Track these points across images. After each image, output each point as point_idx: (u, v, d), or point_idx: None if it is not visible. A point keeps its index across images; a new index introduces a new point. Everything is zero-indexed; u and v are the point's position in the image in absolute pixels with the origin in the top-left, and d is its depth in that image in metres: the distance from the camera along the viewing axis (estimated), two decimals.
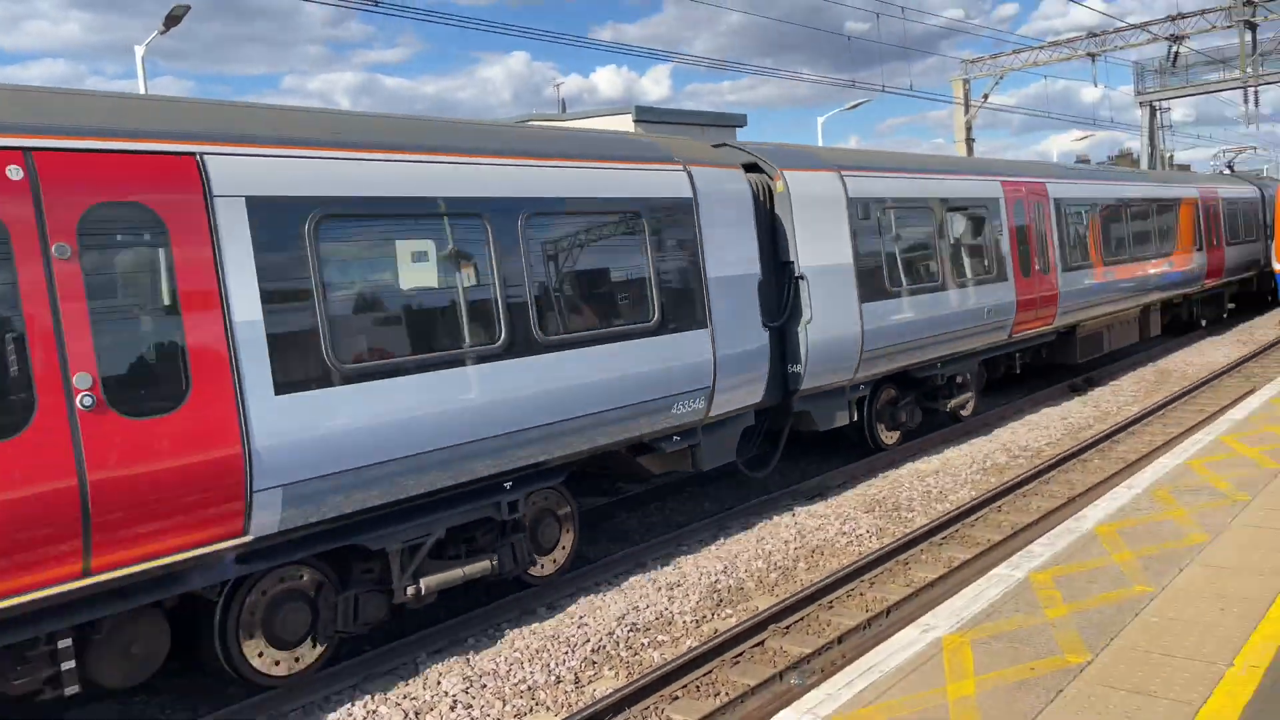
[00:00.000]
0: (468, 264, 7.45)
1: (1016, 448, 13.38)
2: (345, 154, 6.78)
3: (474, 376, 7.29)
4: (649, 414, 8.79)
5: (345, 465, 6.47)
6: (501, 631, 7.72)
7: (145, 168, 5.72)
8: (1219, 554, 5.74)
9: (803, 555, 9.43)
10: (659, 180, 9.23)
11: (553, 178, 8.19)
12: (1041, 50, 32.32)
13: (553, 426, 7.86)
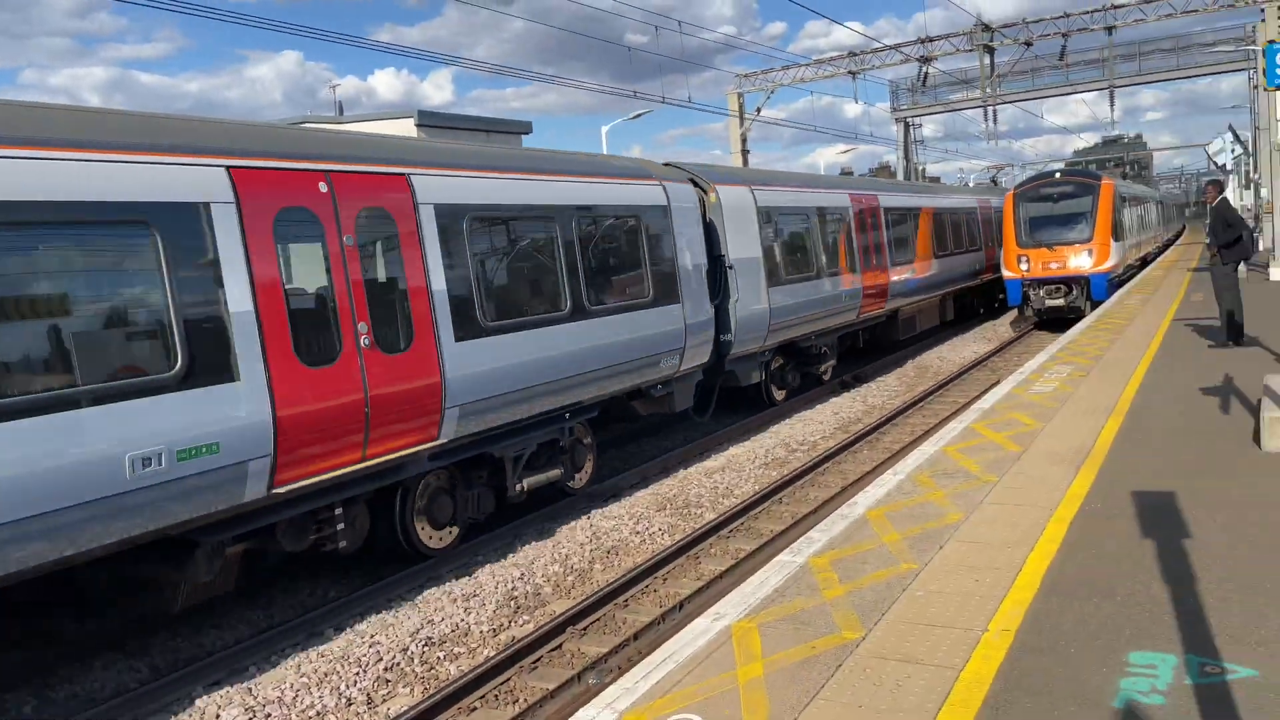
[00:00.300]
0: (548, 251, 10.37)
1: (795, 442, 14.10)
2: (485, 174, 9.70)
3: (556, 334, 10.11)
4: (647, 366, 11.79)
5: (489, 393, 9.12)
6: (286, 656, 7.35)
7: (386, 183, 8.41)
8: (973, 530, 6.28)
9: (599, 556, 9.53)
10: (647, 192, 12.25)
11: (590, 190, 11.22)
12: (808, 67, 34.30)
13: (596, 373, 10.72)
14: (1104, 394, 10.32)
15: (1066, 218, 23.68)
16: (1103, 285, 23.11)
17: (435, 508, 9.19)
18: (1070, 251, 23.28)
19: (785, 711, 4.09)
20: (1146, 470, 7.35)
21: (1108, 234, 23.35)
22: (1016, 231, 23.96)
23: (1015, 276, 23.87)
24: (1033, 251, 23.54)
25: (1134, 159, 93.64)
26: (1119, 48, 33.51)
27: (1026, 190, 24.68)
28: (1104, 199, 23.61)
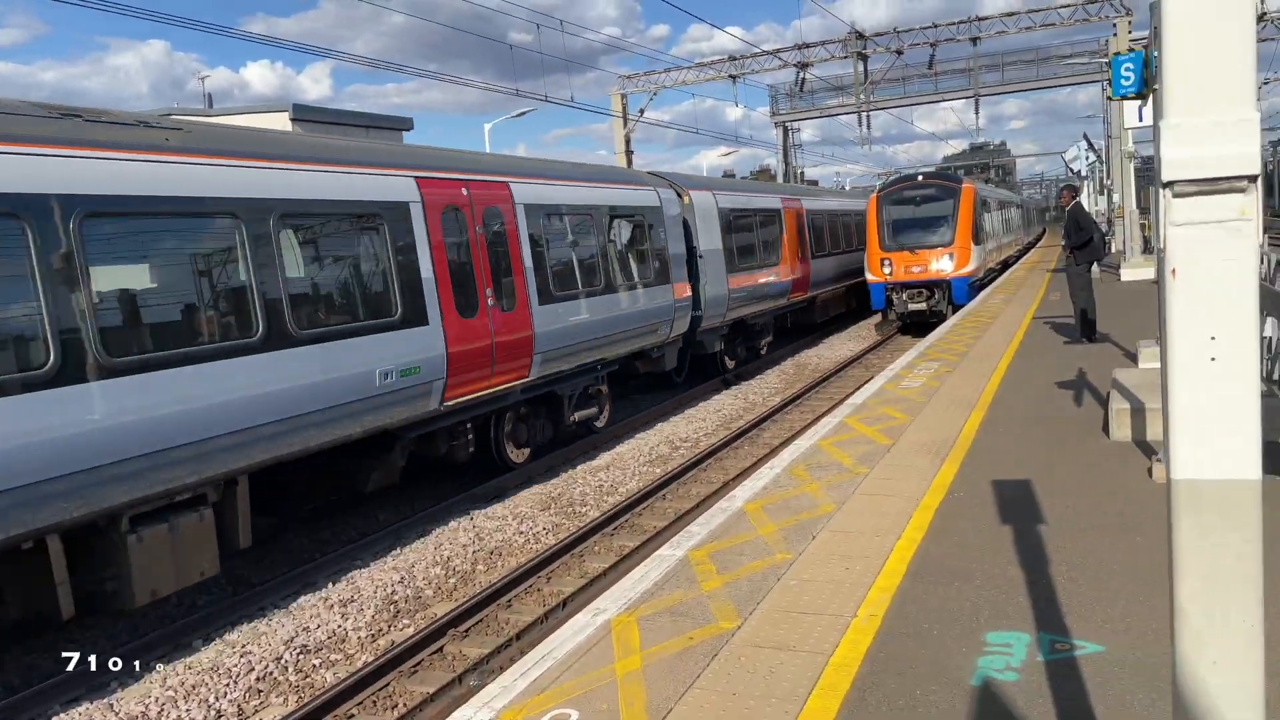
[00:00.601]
0: (589, 240, 13.67)
1: (678, 439, 14.27)
2: (550, 181, 12.99)
3: (595, 303, 13.30)
4: (649, 333, 15.04)
5: (557, 345, 12.16)
6: (151, 669, 7.06)
7: (497, 189, 11.49)
8: (844, 521, 6.49)
9: (481, 558, 9.45)
10: (647, 195, 15.77)
11: (614, 194, 14.74)
12: (689, 70, 34.73)
13: (619, 334, 13.98)
14: (968, 388, 10.80)
15: (928, 221, 23.51)
16: (963, 289, 22.99)
17: (517, 431, 12.31)
18: (932, 255, 23.09)
19: (662, 702, 4.15)
20: (1006, 460, 7.73)
21: (968, 237, 23.24)
22: (880, 234, 23.66)
23: (878, 280, 23.52)
24: (895, 255, 23.26)
25: (999, 165, 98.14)
26: (984, 58, 35.09)
27: (889, 193, 24.44)
28: (964, 202, 23.49)
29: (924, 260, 23.06)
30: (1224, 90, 1.80)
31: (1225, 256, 1.84)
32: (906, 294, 23.21)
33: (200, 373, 7.41)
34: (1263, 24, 33.25)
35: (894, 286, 23.30)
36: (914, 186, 24.33)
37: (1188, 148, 1.82)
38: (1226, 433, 1.93)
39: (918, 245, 23.25)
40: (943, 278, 22.97)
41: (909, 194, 24.03)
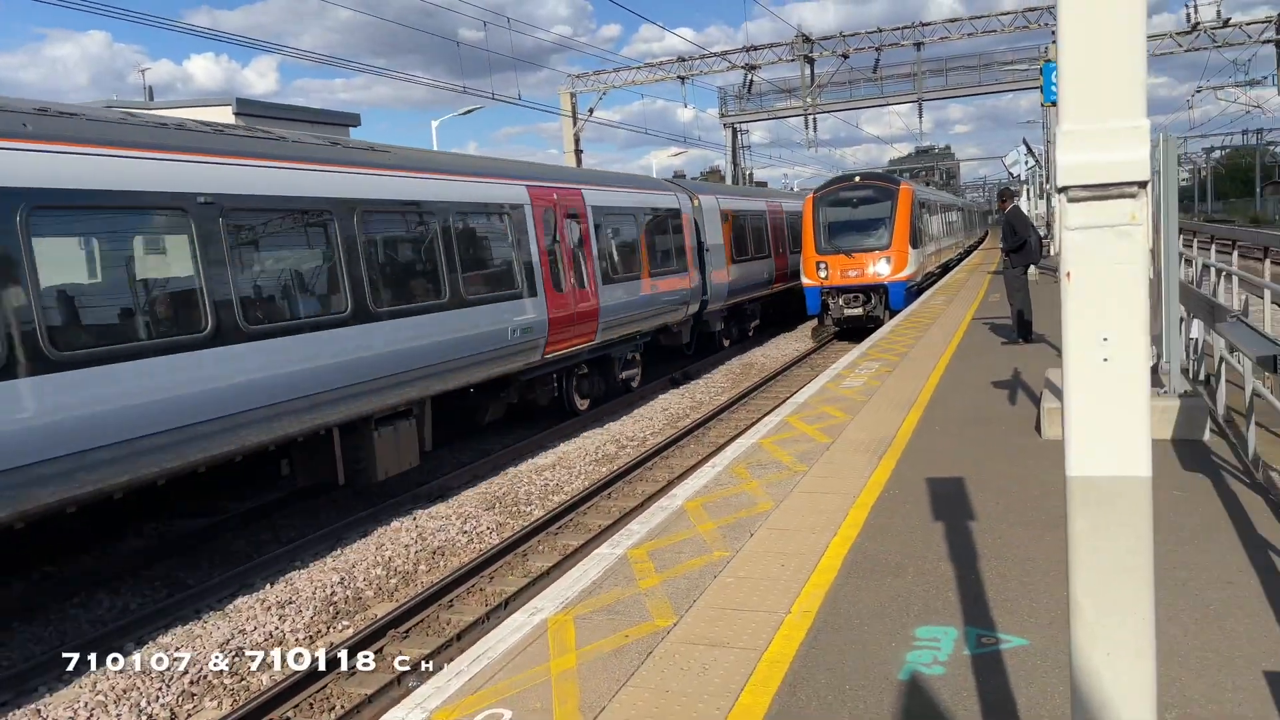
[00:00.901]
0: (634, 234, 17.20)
1: (625, 438, 14.30)
2: (610, 189, 16.84)
3: (638, 284, 16.73)
4: (673, 310, 18.68)
5: (612, 317, 15.51)
6: (80, 674, 6.90)
7: (575, 194, 15.09)
8: (782, 518, 6.56)
9: (424, 557, 9.39)
10: (671, 199, 19.54)
11: (651, 198, 18.65)
12: (639, 70, 34.80)
13: (654, 310, 17.53)
14: (907, 388, 10.97)
15: (865, 223, 22.86)
16: (900, 294, 22.36)
17: (580, 385, 15.62)
18: (869, 258, 22.41)
19: (596, 699, 4.17)
20: (941, 458, 7.88)
21: (906, 240, 22.61)
22: (816, 237, 22.94)
23: (814, 284, 22.78)
24: (831, 258, 22.54)
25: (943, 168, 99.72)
26: (928, 64, 35.65)
27: (826, 194, 23.74)
28: (902, 204, 22.86)
29: (861, 264, 22.41)
30: (1116, 98, 1.87)
31: (1116, 259, 1.91)
32: (843, 299, 22.52)
33: (417, 322, 10.76)
34: (1195, 34, 34.21)
35: (830, 291, 22.65)
36: (851, 187, 23.67)
37: (1081, 154, 1.89)
38: (1118, 431, 2.00)
39: (854, 248, 22.60)
40: (880, 282, 22.27)
41: (846, 195, 23.39)
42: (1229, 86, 44.36)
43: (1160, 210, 7.97)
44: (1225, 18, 34.18)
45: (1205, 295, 9.58)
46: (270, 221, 9.28)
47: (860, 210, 23.00)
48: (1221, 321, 7.62)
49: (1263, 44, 34.80)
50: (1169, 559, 5.29)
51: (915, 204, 24.05)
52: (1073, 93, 1.90)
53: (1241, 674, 4.05)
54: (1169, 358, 8.08)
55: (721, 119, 41.35)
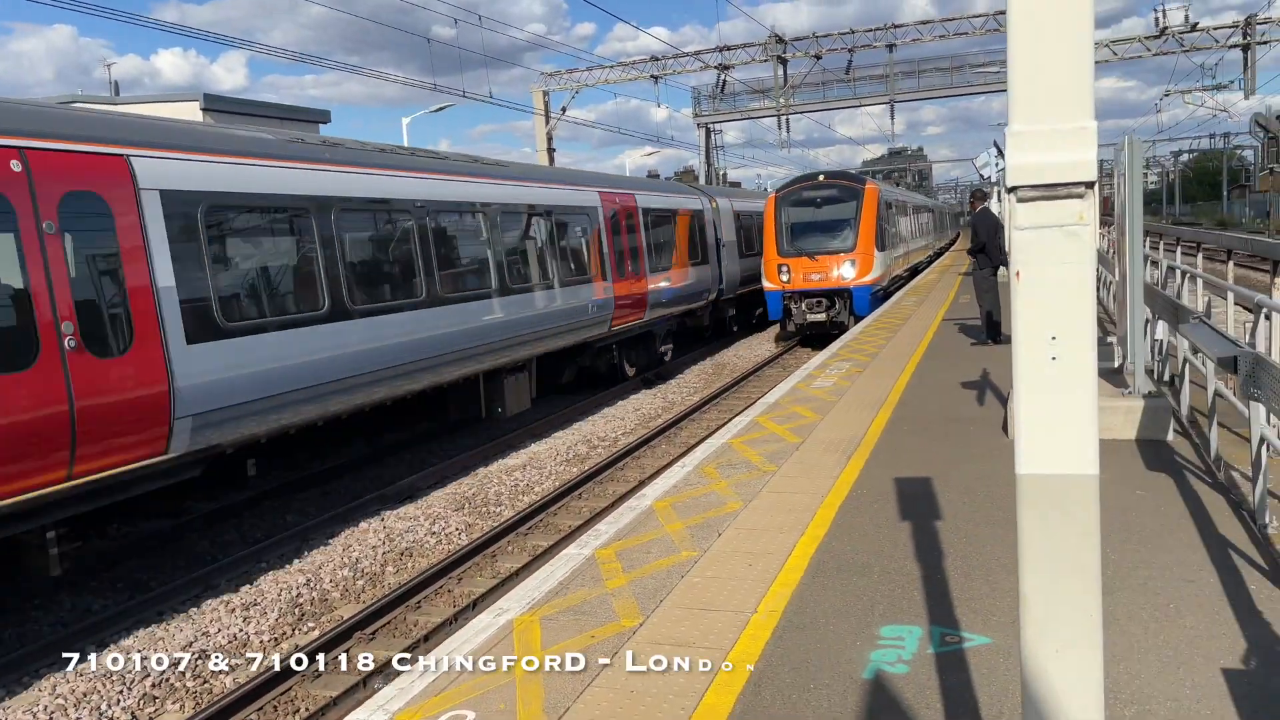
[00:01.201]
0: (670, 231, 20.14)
1: (596, 438, 14.28)
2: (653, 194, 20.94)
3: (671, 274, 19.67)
4: (697, 297, 21.37)
5: (656, 301, 18.67)
6: (39, 678, 6.81)
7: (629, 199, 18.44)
8: (750, 518, 6.57)
9: (391, 559, 9.33)
10: (695, 201, 22.27)
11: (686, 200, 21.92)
12: (612, 69, 34.79)
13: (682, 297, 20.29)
14: (877, 388, 11.02)
15: (829, 224, 21.97)
16: (865, 299, 21.35)
17: (631, 354, 18.39)
18: (832, 261, 21.46)
19: (560, 700, 4.15)
20: (909, 458, 7.92)
21: (871, 243, 21.66)
22: (777, 238, 21.95)
23: (776, 288, 21.84)
24: (794, 260, 21.60)
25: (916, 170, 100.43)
26: (900, 65, 35.89)
27: (788, 193, 22.75)
28: (868, 204, 21.86)
29: (824, 267, 21.46)
30: (1064, 100, 1.88)
31: (1064, 259, 1.92)
32: (805, 303, 21.56)
33: (532, 298, 14.20)
34: (1164, 38, 34.64)
35: (792, 295, 21.72)
36: (814, 186, 22.66)
37: (1030, 154, 1.90)
38: (1066, 429, 2.01)
39: (817, 250, 21.67)
40: (844, 286, 21.35)
41: (809, 194, 22.44)
42: (1197, 90, 44.98)
43: (1126, 212, 8.05)
44: (1193, 22, 34.69)
45: (1169, 297, 9.70)
46: (458, 219, 12.86)
47: (824, 210, 22.14)
48: (1185, 323, 7.72)
49: (1230, 49, 35.31)
50: (1131, 558, 5.35)
51: (881, 204, 23.15)
52: (1021, 94, 1.91)
53: (1200, 671, 4.09)
54: (1133, 359, 8.17)
55: (695, 119, 41.42)
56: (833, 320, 21.30)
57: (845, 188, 22.46)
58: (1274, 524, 5.68)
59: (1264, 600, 4.74)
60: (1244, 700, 3.84)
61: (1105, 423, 7.77)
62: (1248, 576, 5.04)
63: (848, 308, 21.34)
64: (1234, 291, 8.95)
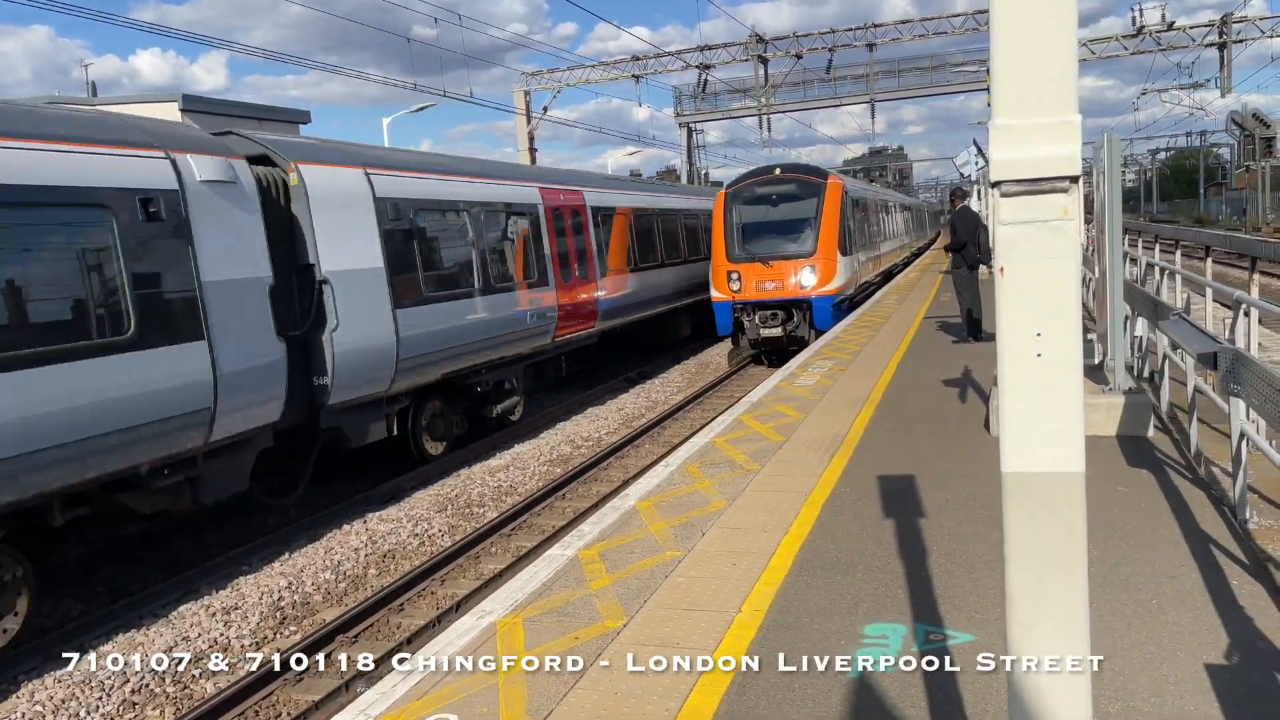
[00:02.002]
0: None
1: (580, 438, 14.24)
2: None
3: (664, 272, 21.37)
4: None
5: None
6: (17, 683, 6.73)
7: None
8: (734, 517, 6.55)
9: (374, 561, 9.27)
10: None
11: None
12: (594, 69, 34.76)
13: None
14: (860, 386, 11.04)
15: (786, 225, 19.40)
16: (827, 311, 18.87)
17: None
18: (789, 268, 18.86)
19: (544, 703, 4.12)
20: (892, 456, 7.92)
21: (834, 246, 19.12)
22: (727, 241, 19.36)
23: (725, 298, 19.16)
24: (746, 267, 18.98)
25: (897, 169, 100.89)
26: (881, 65, 36.00)
27: (740, 189, 20.09)
28: (830, 202, 19.30)
29: (780, 274, 18.84)
30: (1048, 94, 1.87)
31: (1049, 254, 1.91)
32: (759, 316, 18.94)
33: (654, 274, 19.68)
34: (1141, 37, 34.90)
35: (744, 307, 19.09)
36: (769, 181, 20.02)
37: (1014, 149, 1.89)
38: (1051, 427, 2.00)
39: (772, 255, 19.03)
40: (802, 296, 18.76)
41: (762, 191, 19.80)
42: (1174, 89, 45.35)
43: (1105, 210, 8.09)
44: (1170, 21, 34.98)
45: (1149, 294, 9.76)
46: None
47: (780, 209, 19.54)
48: (1164, 319, 7.76)
49: (1206, 47, 35.63)
50: (1113, 554, 5.36)
51: (847, 202, 20.55)
52: (1005, 88, 1.90)
53: (1183, 666, 4.11)
54: (1114, 355, 8.21)
55: (677, 118, 41.42)
56: (790, 335, 18.90)
57: (804, 183, 19.86)
58: (1254, 519, 5.71)
59: (1245, 595, 4.76)
60: (1226, 695, 3.85)
61: (1086, 419, 7.78)
62: (1229, 571, 5.07)
63: (807, 320, 18.90)
64: (1213, 288, 9.00)
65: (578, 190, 17.04)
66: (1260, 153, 50.56)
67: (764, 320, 18.87)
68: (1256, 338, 7.55)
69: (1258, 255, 8.96)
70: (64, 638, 7.43)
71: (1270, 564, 5.11)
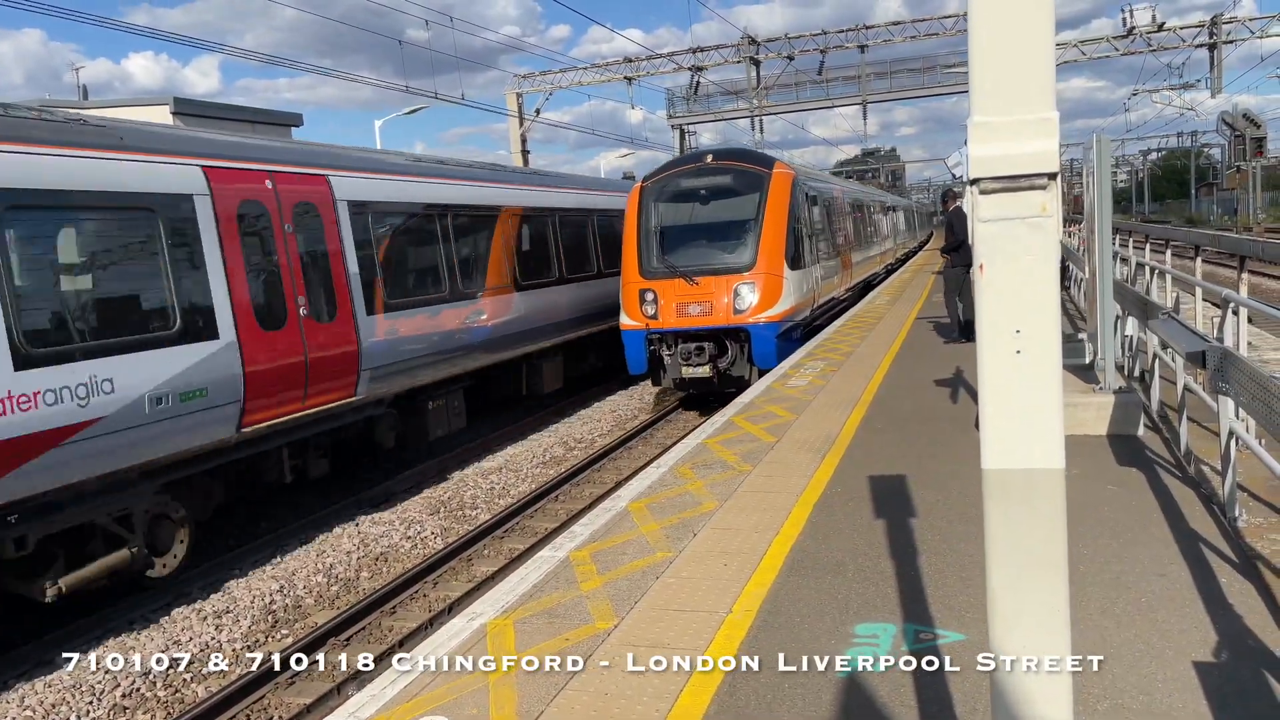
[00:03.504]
0: None
1: (573, 440, 14.24)
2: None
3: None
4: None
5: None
6: (8, 688, 6.71)
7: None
8: (726, 518, 6.55)
9: (366, 564, 9.25)
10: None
11: None
12: (586, 71, 34.79)
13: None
14: (852, 387, 11.05)
15: (716, 229, 14.81)
16: (770, 343, 14.18)
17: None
18: (721, 285, 14.20)
19: (534, 704, 4.12)
20: (884, 456, 7.93)
21: (779, 257, 14.42)
22: (640, 251, 14.68)
23: (637, 326, 14.50)
24: (663, 284, 14.35)
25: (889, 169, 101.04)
26: (873, 66, 36.09)
27: (660, 181, 15.32)
28: (776, 198, 14.72)
29: (709, 293, 14.22)
30: (1026, 90, 1.88)
31: (1028, 251, 1.91)
32: (681, 350, 14.29)
33: None
34: (1131, 38, 35.02)
35: (660, 337, 14.47)
36: (697, 172, 15.33)
37: (992, 145, 1.89)
38: (1031, 423, 2.01)
39: (699, 269, 14.38)
40: (739, 323, 14.17)
41: (689, 185, 15.16)
42: (1164, 90, 45.53)
43: (1095, 210, 8.11)
44: (1160, 22, 35.11)
45: (1139, 293, 9.78)
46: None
47: (712, 208, 14.97)
48: (1154, 318, 7.78)
49: (1196, 48, 35.77)
50: (1103, 552, 5.37)
51: (800, 198, 15.74)
52: (982, 85, 1.90)
53: (1172, 665, 4.11)
54: (1104, 354, 8.23)
55: (669, 120, 41.45)
56: (724, 374, 14.46)
57: (743, 174, 15.11)
58: (1244, 517, 5.73)
59: (1234, 593, 4.77)
60: (1215, 693, 3.86)
61: (1077, 418, 7.82)
62: (1218, 570, 5.08)
63: (745, 354, 14.37)
64: (1202, 287, 9.03)
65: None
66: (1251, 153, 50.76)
67: (687, 355, 14.20)
68: (1245, 336, 7.57)
69: (1246, 254, 9.00)
70: (55, 642, 7.40)
71: (1259, 562, 5.13)
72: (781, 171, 15.23)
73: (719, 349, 14.33)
